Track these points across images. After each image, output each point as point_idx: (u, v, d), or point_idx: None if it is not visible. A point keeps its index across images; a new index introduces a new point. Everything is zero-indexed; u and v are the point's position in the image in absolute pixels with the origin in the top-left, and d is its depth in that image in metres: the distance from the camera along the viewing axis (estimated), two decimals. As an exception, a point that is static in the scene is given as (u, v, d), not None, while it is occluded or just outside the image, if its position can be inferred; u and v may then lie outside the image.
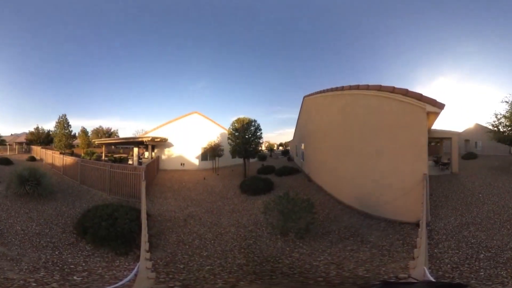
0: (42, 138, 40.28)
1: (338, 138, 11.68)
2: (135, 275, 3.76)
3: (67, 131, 30.75)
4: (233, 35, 79.69)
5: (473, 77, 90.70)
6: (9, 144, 41.67)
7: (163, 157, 25.20)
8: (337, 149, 11.72)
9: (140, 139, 22.19)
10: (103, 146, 29.35)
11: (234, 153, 19.79)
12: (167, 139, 25.03)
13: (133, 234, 6.72)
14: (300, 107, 22.18)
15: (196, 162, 26.14)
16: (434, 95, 7.56)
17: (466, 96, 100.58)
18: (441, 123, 78.78)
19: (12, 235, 6.70)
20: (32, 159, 27.33)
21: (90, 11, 59.65)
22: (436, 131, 16.11)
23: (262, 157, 35.43)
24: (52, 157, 20.15)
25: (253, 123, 19.88)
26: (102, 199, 11.14)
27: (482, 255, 5.53)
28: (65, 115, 31.02)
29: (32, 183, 9.93)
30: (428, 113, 7.61)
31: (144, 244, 4.52)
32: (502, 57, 73.59)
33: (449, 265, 5.22)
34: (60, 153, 21.59)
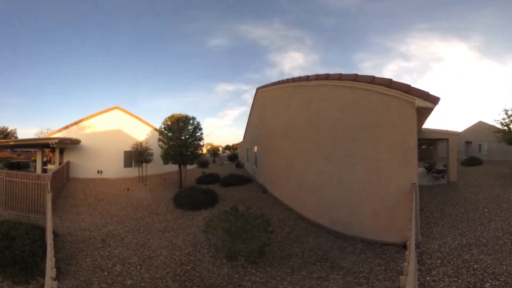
0: None
1: (302, 139, 11.34)
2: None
3: None
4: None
5: (476, 66, 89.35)
6: None
7: (75, 162, 23.59)
8: (301, 153, 11.38)
9: (45, 141, 20.24)
10: (-4, 149, 25.96)
11: (167, 157, 19.18)
12: (80, 141, 23.46)
13: (36, 258, 6.33)
14: (252, 101, 21.99)
15: (118, 169, 24.81)
16: (427, 88, 6.92)
17: (468, 88, 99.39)
18: (436, 122, 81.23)
19: None
20: None
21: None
22: (428, 130, 16.03)
23: (203, 162, 35.32)
24: None
25: (191, 121, 19.49)
26: (-5, 214, 10.26)
27: (488, 284, 5.24)
28: None
29: None
30: (418, 109, 7.30)
31: (50, 270, 4.24)
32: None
33: (445, 297, 4.87)
34: None
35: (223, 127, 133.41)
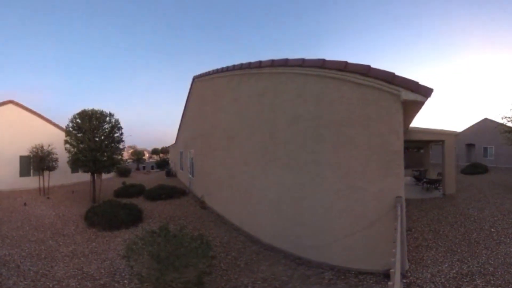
0: None
1: (253, 141, 10.86)
2: None
3: None
4: None
5: (479, 54, 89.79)
6: None
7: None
8: (251, 159, 10.95)
9: None
10: None
11: (76, 164, 18.04)
12: (-39, 143, 23.06)
13: None
14: (187, 94, 21.39)
15: (12, 178, 23.64)
16: (417, 78, 6.40)
17: (469, 78, 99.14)
18: (428, 120, 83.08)
19: None
20: None
21: None
22: (418, 130, 15.31)
23: (124, 170, 34.85)
24: None
25: (108, 118, 18.71)
26: None
27: (496, 324, 5.17)
28: None
29: None
30: (405, 103, 6.85)
31: None
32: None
33: None
34: None
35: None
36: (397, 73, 6.67)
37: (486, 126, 32.69)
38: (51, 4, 75.81)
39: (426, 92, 6.50)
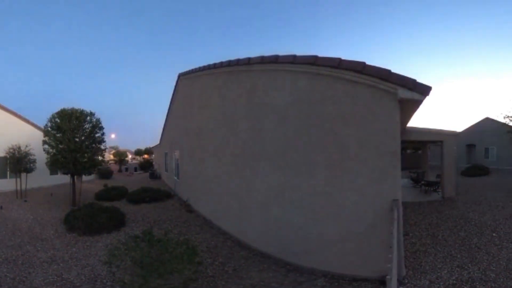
0: None
1: (241, 142, 10.63)
2: None
3: None
4: None
5: (480, 51, 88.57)
6: None
7: None
8: (239, 160, 10.70)
9: None
10: None
11: (55, 165, 17.62)
12: None
13: None
14: (172, 92, 21.04)
15: None
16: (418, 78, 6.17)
17: (470, 78, 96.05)
18: (426, 119, 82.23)
19: None
20: None
21: None
22: (416, 130, 15.08)
23: (106, 172, 34.49)
24: None
25: (88, 118, 18.37)
26: None
27: (498, 332, 5.05)
28: None
29: None
30: (402, 101, 6.66)
31: None
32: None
33: None
34: None
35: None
36: (394, 70, 6.52)
37: (487, 126, 32.13)
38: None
39: (424, 90, 6.31)
